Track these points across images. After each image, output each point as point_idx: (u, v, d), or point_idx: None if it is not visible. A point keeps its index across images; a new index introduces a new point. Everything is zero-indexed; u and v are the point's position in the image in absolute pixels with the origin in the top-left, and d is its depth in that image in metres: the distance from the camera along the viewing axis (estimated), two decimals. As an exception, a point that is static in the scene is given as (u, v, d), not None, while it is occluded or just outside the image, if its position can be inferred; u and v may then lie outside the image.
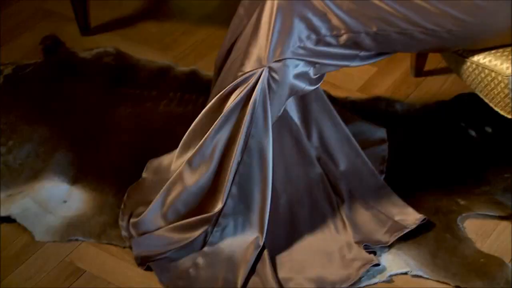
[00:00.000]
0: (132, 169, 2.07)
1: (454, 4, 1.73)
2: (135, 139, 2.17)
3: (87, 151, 2.13)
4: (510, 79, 1.74)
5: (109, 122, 2.22)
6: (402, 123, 2.24)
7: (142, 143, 2.15)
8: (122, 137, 2.17)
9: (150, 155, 2.08)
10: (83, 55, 2.44)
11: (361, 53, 1.82)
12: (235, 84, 1.78)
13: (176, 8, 2.73)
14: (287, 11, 1.73)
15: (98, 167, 2.08)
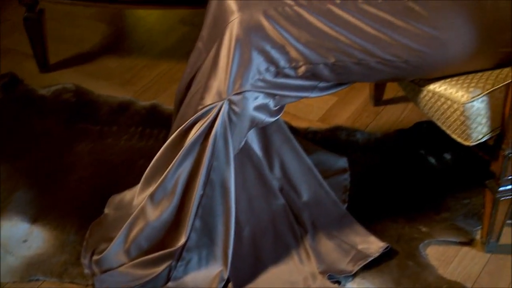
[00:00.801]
0: (94, 205, 2.05)
1: (410, 35, 1.76)
2: (96, 175, 2.15)
3: (47, 188, 2.11)
4: (465, 106, 1.76)
5: (70, 158, 2.21)
6: (363, 152, 2.26)
7: (104, 179, 2.14)
8: (83, 173, 2.16)
9: (112, 190, 2.07)
10: (42, 92, 2.43)
11: (320, 84, 1.84)
12: (196, 118, 1.78)
13: (135, 43, 2.74)
14: (245, 44, 1.74)
15: (59, 204, 2.06)
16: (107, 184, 2.11)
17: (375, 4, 1.76)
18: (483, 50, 1.79)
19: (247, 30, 1.74)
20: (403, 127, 2.35)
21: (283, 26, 1.74)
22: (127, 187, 2.05)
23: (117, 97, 2.42)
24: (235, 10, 1.76)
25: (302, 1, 1.76)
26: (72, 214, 2.04)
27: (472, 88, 1.77)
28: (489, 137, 1.81)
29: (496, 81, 1.78)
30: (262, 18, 1.74)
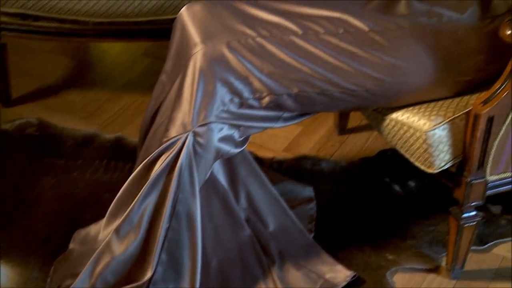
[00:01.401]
0: (58, 241, 2.03)
1: (372, 65, 1.78)
2: (61, 209, 2.13)
3: (11, 225, 2.08)
4: (427, 134, 1.79)
5: (34, 193, 2.18)
6: (329, 181, 2.27)
7: (68, 214, 2.12)
8: (47, 208, 2.14)
9: (77, 225, 2.05)
10: (4, 127, 2.41)
11: (284, 114, 1.85)
12: (161, 150, 1.78)
13: (99, 76, 2.73)
14: (209, 75, 1.75)
15: (23, 241, 2.04)
16: (72, 219, 2.09)
17: (336, 35, 1.79)
18: (443, 78, 1.81)
19: (210, 62, 1.74)
20: (368, 155, 2.37)
21: (246, 57, 1.75)
22: (92, 222, 2.03)
23: (81, 130, 2.41)
24: (198, 42, 1.77)
25: (264, 33, 1.78)
26: (36, 250, 2.01)
27: (434, 116, 1.80)
28: (451, 164, 1.83)
29: (456, 109, 1.81)
30: (225, 50, 1.75)
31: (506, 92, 1.68)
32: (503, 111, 1.71)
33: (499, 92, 1.69)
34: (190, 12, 1.82)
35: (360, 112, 2.13)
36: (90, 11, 2.29)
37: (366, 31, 1.80)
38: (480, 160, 1.79)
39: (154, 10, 2.29)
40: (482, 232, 2.09)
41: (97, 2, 2.27)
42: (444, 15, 1.82)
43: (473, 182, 1.82)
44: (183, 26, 1.82)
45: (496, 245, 2.09)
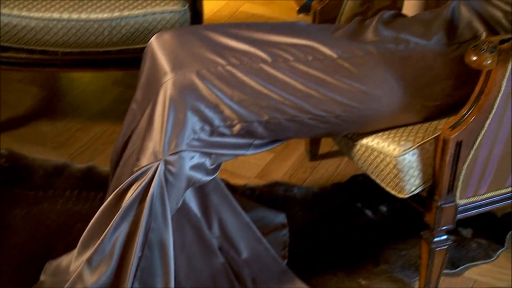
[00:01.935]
0: (29, 272, 2.00)
1: (341, 91, 1.79)
2: (32, 240, 2.11)
3: (-20, 257, 2.06)
4: (397, 159, 1.80)
5: (4, 224, 2.16)
6: (301, 207, 2.27)
7: (40, 245, 2.10)
8: (18, 239, 2.11)
9: (48, 256, 2.03)
10: (-26, 158, 2.39)
11: (255, 141, 1.85)
12: (132, 179, 1.77)
13: (69, 105, 2.72)
14: (179, 104, 1.75)
15: (-7, 273, 2.01)
16: (43, 250, 2.07)
17: (305, 62, 1.80)
18: (411, 104, 1.84)
19: (180, 91, 1.75)
20: (340, 181, 2.38)
21: (216, 85, 1.76)
22: (63, 253, 2.01)
23: (52, 161, 2.40)
24: (168, 71, 1.77)
25: (234, 61, 1.79)
26: (6, 282, 1.99)
27: (403, 141, 1.82)
28: (422, 188, 1.84)
29: (426, 134, 1.83)
30: (195, 78, 1.75)
31: (473, 116, 1.71)
32: (471, 136, 1.73)
33: (466, 117, 1.71)
34: (160, 41, 1.83)
35: (331, 138, 2.15)
36: (59, 42, 2.29)
37: (335, 58, 1.81)
38: (450, 184, 1.81)
39: (124, 40, 2.30)
40: (454, 256, 2.10)
41: (67, 32, 2.27)
42: (411, 41, 1.85)
43: (443, 206, 1.83)
44: (153, 55, 1.83)
45: (468, 269, 2.10)
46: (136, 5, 2.29)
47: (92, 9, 2.28)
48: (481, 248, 2.13)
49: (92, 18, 2.27)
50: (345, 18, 2.16)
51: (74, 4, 2.29)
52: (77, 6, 2.28)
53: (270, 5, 3.33)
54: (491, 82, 1.66)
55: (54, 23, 2.27)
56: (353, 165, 2.43)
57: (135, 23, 2.28)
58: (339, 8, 2.16)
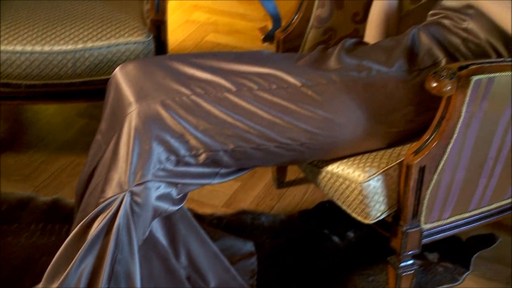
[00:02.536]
0: (-6, 308, 1.98)
1: (305, 119, 1.81)
2: (-4, 276, 2.08)
3: None
4: (362, 186, 1.81)
5: (-32, 260, 2.13)
6: (269, 235, 2.27)
7: (5, 280, 2.06)
8: (-18, 275, 2.08)
9: (13, 291, 2.00)
10: None
11: (221, 170, 1.86)
12: (98, 211, 1.76)
13: (33, 137, 2.70)
14: (144, 135, 1.75)
15: (-44, 310, 1.98)
16: (9, 285, 2.04)
17: (270, 91, 1.82)
18: (375, 130, 1.85)
19: (145, 121, 1.75)
20: (307, 208, 2.39)
21: (181, 115, 1.76)
22: (29, 287, 1.98)
23: (17, 194, 2.37)
24: (132, 101, 1.77)
25: (199, 90, 1.79)
26: (-30, 319, 1.96)
27: (368, 167, 1.83)
28: (387, 214, 1.86)
29: (390, 159, 1.85)
30: (160, 109, 1.76)
31: (435, 142, 1.73)
32: (433, 161, 1.75)
33: (428, 142, 1.74)
34: (124, 72, 1.83)
35: (297, 165, 2.16)
36: (22, 74, 2.28)
37: (299, 86, 1.83)
38: (415, 209, 1.82)
39: (88, 71, 2.30)
40: (421, 280, 2.12)
41: (30, 65, 2.27)
42: (373, 68, 1.87)
43: (408, 231, 1.85)
44: (117, 86, 1.83)
45: (435, 292, 2.12)
46: (100, 36, 2.29)
47: (56, 41, 2.27)
48: (447, 272, 2.15)
49: (55, 50, 2.27)
50: (308, 46, 2.18)
51: (37, 37, 2.28)
52: (40, 38, 2.28)
53: (235, 35, 3.35)
54: (452, 108, 1.69)
55: (17, 55, 2.26)
56: (320, 192, 2.44)
57: (99, 55, 2.28)
58: (302, 37, 2.18)
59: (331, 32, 2.20)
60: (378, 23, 2.11)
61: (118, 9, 2.41)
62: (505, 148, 1.82)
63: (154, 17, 2.32)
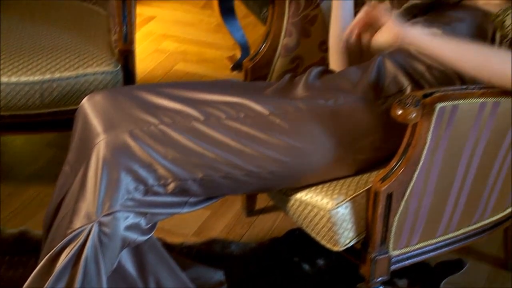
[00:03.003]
0: None
1: (274, 147, 1.82)
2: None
3: None
4: (331, 213, 1.82)
5: None
6: (239, 263, 2.27)
7: (-30, 313, 2.04)
8: None
9: (-21, 325, 1.97)
10: None
11: (191, 199, 1.85)
12: (65, 242, 1.75)
13: (1, 169, 2.67)
14: (112, 165, 1.74)
15: None
16: (-26, 319, 2.01)
17: (238, 119, 1.82)
18: (342, 157, 1.87)
19: (113, 151, 1.75)
20: (277, 236, 2.39)
21: (149, 145, 1.76)
22: (-4, 320, 1.96)
23: (-17, 227, 2.34)
24: (100, 131, 1.77)
25: (167, 120, 1.80)
26: None
27: (336, 195, 1.84)
28: (356, 241, 1.86)
29: (357, 186, 1.86)
30: (128, 139, 1.76)
31: (402, 169, 1.74)
32: (400, 188, 1.77)
33: (395, 169, 1.75)
34: (92, 103, 1.83)
35: (266, 193, 2.16)
36: (-12, 105, 2.27)
37: (267, 114, 1.84)
38: (383, 236, 1.83)
39: (56, 101, 2.29)
40: (391, 306, 2.13)
41: (-4, 96, 2.26)
42: (340, 96, 1.89)
43: (377, 258, 1.86)
44: (85, 117, 1.83)
45: (405, 319, 2.13)
46: (67, 67, 2.29)
47: (23, 72, 2.27)
48: (417, 298, 2.16)
49: (22, 81, 2.26)
50: (276, 75, 2.20)
51: (4, 68, 2.27)
52: (7, 69, 2.27)
53: (204, 63, 3.37)
54: (417, 135, 1.71)
55: (-16, 87, 2.25)
56: (289, 220, 2.43)
57: (67, 85, 2.27)
58: (270, 66, 2.20)
59: (299, 60, 2.22)
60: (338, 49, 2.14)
61: (86, 39, 2.41)
62: (470, 174, 1.84)
63: (122, 47, 2.33)
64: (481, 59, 1.76)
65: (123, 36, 2.33)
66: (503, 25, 1.88)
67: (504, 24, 1.88)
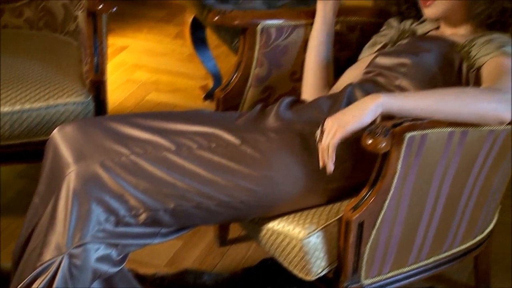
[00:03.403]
0: None
1: (245, 177, 1.82)
2: None
3: None
4: (303, 242, 1.82)
5: None
6: (212, 294, 2.26)
7: None
8: None
9: None
10: None
11: (162, 229, 1.85)
12: (35, 275, 1.73)
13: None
14: (83, 196, 1.74)
15: None
16: None
17: (209, 149, 1.83)
18: (314, 187, 1.88)
19: (84, 182, 1.74)
20: (250, 265, 2.38)
21: (120, 175, 1.76)
22: None
23: None
24: (71, 162, 1.77)
25: (138, 150, 1.80)
26: None
27: (308, 224, 1.85)
28: (328, 270, 1.87)
29: (329, 216, 1.87)
30: (99, 169, 1.75)
31: (372, 198, 1.75)
32: (371, 217, 1.78)
33: (366, 198, 1.76)
34: (62, 134, 1.82)
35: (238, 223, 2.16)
36: (-43, 137, 2.25)
37: (238, 144, 1.85)
38: (355, 265, 1.84)
39: (26, 133, 2.27)
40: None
41: (-34, 127, 2.24)
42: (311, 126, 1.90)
43: (349, 287, 1.86)
44: (55, 148, 1.82)
45: None
46: (38, 98, 2.28)
47: (-8, 103, 2.26)
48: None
49: (-9, 112, 2.24)
50: (247, 105, 2.21)
51: (-26, 99, 2.26)
52: (-23, 101, 2.26)
53: (176, 93, 3.37)
54: (387, 164, 1.72)
55: (-48, 118, 2.23)
56: (262, 249, 2.43)
57: (37, 116, 2.26)
58: (242, 95, 2.21)
59: (270, 90, 2.23)
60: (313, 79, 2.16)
61: (57, 70, 2.40)
62: (440, 203, 1.86)
63: (93, 78, 2.33)
64: (457, 105, 1.71)
65: (94, 66, 2.33)
66: (469, 55, 1.91)
67: (470, 54, 1.91)
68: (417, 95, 1.75)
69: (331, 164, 1.72)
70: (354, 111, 1.70)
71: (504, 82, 1.76)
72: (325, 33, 2.14)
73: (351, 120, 1.69)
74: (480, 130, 1.78)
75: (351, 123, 1.69)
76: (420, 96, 1.74)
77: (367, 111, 1.69)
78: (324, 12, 2.14)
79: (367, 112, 1.69)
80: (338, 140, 1.70)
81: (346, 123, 1.69)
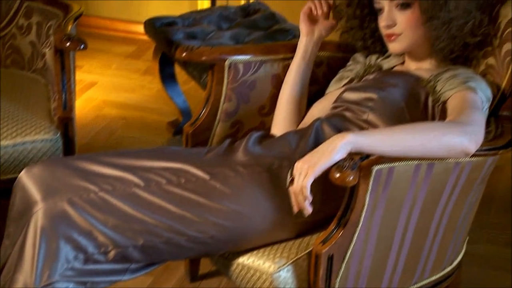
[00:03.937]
0: None
1: (214, 212, 1.82)
2: None
3: None
4: (273, 277, 1.82)
5: None
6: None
7: None
8: None
9: None
10: None
11: (132, 265, 1.84)
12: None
13: None
14: (51, 234, 1.72)
15: None
16: None
17: (178, 185, 1.83)
18: (283, 221, 1.88)
19: (52, 220, 1.73)
20: (220, 300, 2.38)
21: (89, 212, 1.75)
22: None
23: None
24: (38, 200, 1.76)
25: (107, 187, 1.79)
26: None
27: (278, 258, 1.85)
28: (298, 304, 1.87)
29: (299, 249, 1.87)
30: (67, 206, 1.74)
31: (341, 231, 1.76)
32: (341, 250, 1.78)
33: (335, 232, 1.77)
34: (30, 174, 1.81)
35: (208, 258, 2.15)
36: None
37: (207, 179, 1.85)
38: (325, 298, 1.84)
39: (-7, 171, 2.26)
40: None
41: None
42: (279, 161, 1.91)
43: (317, 321, 1.86)
44: (23, 188, 1.81)
45: None
46: (5, 135, 2.26)
47: (-42, 141, 2.24)
48: None
49: (-43, 151, 2.23)
50: (216, 140, 2.22)
51: None
52: None
53: (146, 129, 3.37)
54: (355, 197, 1.74)
55: None
56: (233, 284, 2.43)
57: (5, 154, 2.25)
58: (211, 131, 2.22)
59: (239, 125, 2.24)
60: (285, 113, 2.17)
61: (24, 107, 2.40)
62: (408, 235, 1.87)
63: (62, 115, 2.32)
64: (425, 139, 1.72)
65: (62, 103, 2.33)
66: (435, 90, 1.94)
67: (436, 89, 1.94)
68: (385, 131, 1.76)
69: (308, 205, 1.72)
70: (323, 150, 1.71)
71: (468, 115, 1.79)
72: (304, 68, 2.16)
73: (321, 159, 1.70)
74: (446, 162, 1.80)
75: (321, 162, 1.70)
76: (388, 132, 1.75)
77: (336, 150, 1.70)
78: (307, 47, 2.16)
79: (336, 151, 1.69)
80: (311, 180, 1.70)
81: (316, 163, 1.70)
